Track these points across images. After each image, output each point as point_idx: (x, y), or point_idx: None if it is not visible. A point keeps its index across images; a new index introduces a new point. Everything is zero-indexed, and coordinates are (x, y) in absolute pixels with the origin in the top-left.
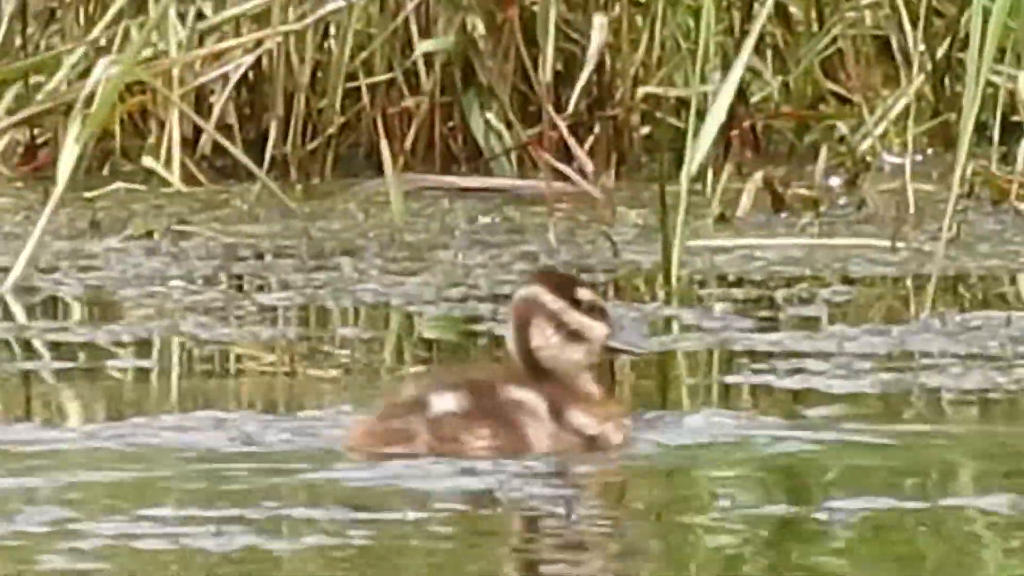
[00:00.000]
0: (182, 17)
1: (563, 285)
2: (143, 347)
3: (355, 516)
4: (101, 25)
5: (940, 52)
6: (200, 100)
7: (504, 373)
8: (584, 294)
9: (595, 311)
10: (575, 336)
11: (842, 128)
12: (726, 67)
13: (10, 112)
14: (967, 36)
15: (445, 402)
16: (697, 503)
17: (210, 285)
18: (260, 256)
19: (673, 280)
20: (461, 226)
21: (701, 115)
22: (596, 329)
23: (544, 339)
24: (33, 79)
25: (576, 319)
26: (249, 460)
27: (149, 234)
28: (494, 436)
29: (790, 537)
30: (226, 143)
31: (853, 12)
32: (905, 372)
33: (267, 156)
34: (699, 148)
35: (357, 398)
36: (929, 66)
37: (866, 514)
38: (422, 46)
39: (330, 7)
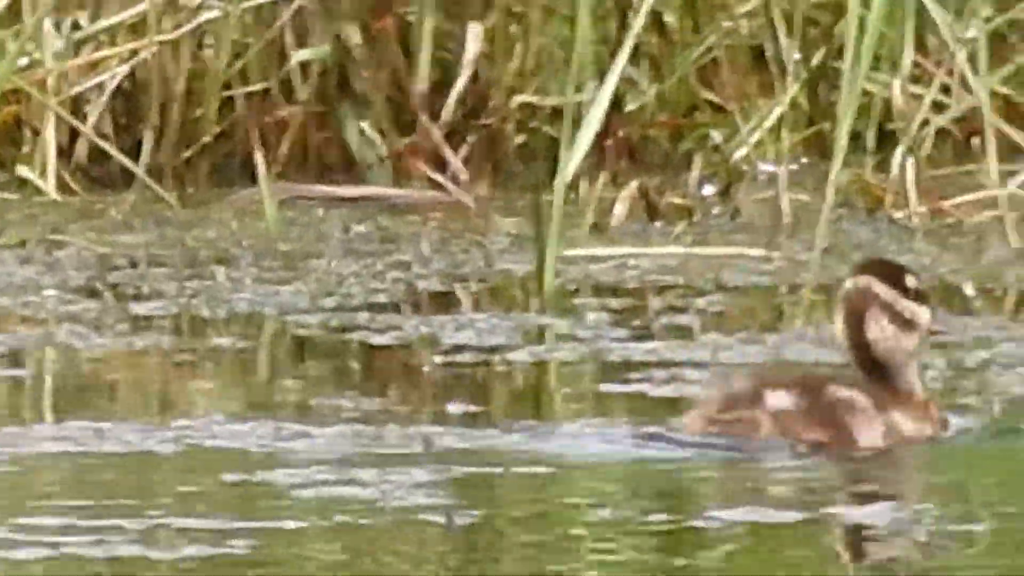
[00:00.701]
0: (58, 26)
1: (893, 274)
2: (17, 357)
3: (234, 525)
4: None
5: (815, 60)
6: (76, 110)
7: (828, 375)
8: (911, 281)
9: (920, 296)
10: (908, 324)
11: (716, 137)
12: (601, 76)
13: None
14: (842, 44)
15: (780, 398)
16: (577, 512)
17: (84, 294)
18: (135, 265)
19: (547, 289)
20: (335, 235)
21: (576, 124)
22: (924, 314)
23: (880, 330)
24: None
25: (908, 307)
26: (126, 469)
27: (23, 243)
28: (826, 434)
29: (670, 546)
30: (105, 146)
31: (728, 21)
32: None
33: (142, 165)
34: (573, 157)
35: (232, 406)
36: (804, 75)
37: (744, 524)
38: (297, 55)
39: (206, 16)
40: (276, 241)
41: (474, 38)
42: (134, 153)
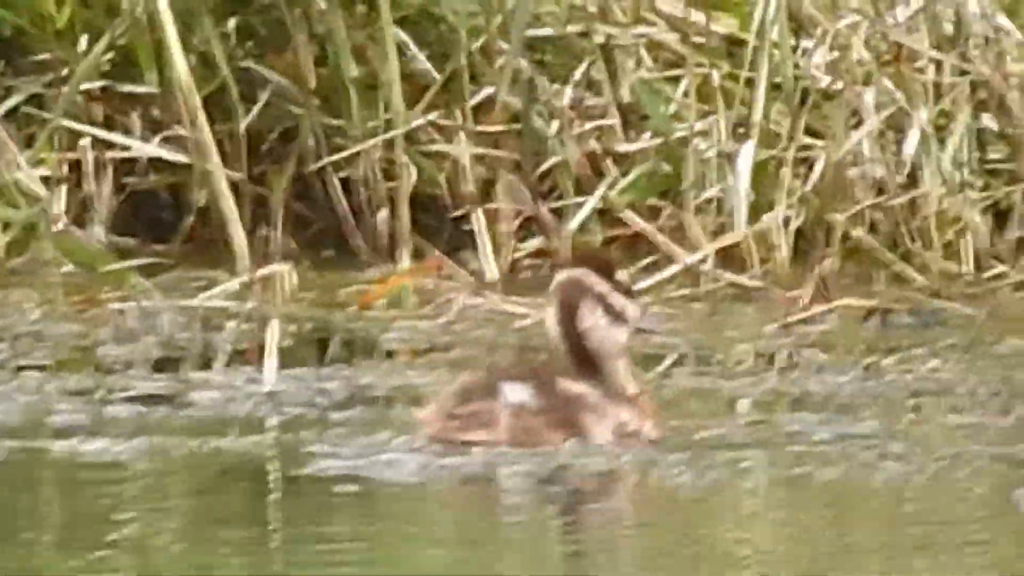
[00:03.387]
0: None
1: (605, 267)
2: None
3: None
4: None
5: None
6: None
7: (556, 366)
8: (622, 276)
9: (629, 292)
10: (619, 318)
11: None
12: None
13: None
14: None
15: (516, 392)
16: None
17: None
18: None
19: None
20: None
21: None
22: (634, 309)
23: (593, 321)
24: None
25: (620, 300)
26: None
27: None
28: (564, 432)
29: None
30: None
31: None
32: None
33: None
34: None
35: None
36: None
37: None
38: None
39: None
40: None
41: None
42: None
